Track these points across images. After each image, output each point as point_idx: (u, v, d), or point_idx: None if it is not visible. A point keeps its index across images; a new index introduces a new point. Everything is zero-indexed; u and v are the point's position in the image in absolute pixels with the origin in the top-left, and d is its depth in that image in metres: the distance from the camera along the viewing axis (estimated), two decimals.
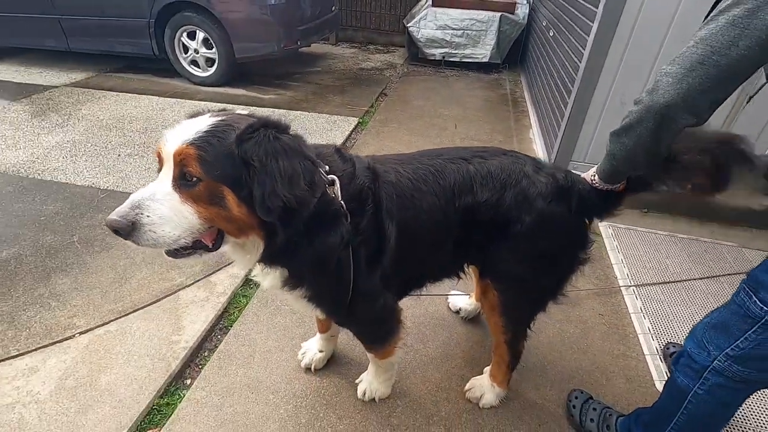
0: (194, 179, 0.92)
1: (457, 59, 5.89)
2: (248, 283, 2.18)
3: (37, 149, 3.35)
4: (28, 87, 4.60)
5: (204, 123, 0.96)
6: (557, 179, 1.30)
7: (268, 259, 1.11)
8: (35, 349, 1.78)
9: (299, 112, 4.33)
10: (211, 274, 2.21)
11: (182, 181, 0.93)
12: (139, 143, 3.52)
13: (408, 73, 5.83)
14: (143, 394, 1.62)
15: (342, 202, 1.11)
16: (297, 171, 0.95)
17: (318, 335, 1.76)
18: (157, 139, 3.48)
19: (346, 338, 1.78)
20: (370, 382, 1.64)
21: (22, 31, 4.97)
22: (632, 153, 1.13)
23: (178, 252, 1.01)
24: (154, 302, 2.03)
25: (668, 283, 2.31)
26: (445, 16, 5.70)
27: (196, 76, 4.83)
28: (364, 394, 1.65)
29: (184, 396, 1.65)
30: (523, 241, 1.28)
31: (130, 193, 0.93)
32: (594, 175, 1.31)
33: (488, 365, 1.70)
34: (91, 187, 2.88)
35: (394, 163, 1.27)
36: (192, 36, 4.62)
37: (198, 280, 2.16)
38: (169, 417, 1.57)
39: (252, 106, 4.37)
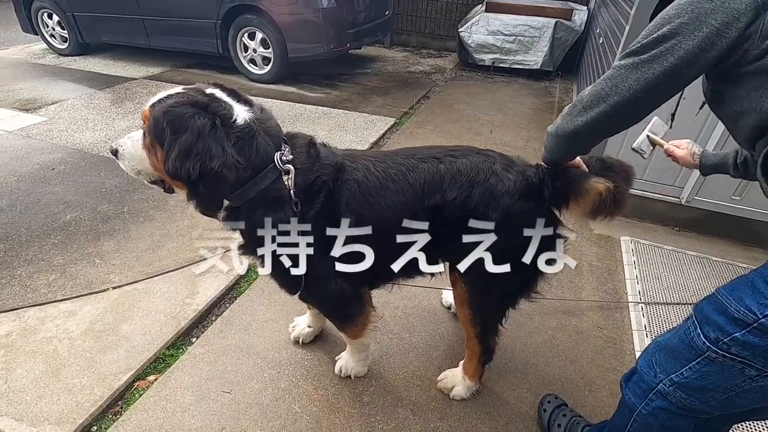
0: (147, 133, 1.19)
1: (507, 65, 5.81)
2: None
3: (110, 131, 3.84)
4: (113, 78, 5.24)
5: (165, 93, 1.20)
6: (526, 176, 1.33)
7: (203, 213, 1.30)
8: (76, 297, 2.09)
9: (341, 110, 4.54)
10: (230, 250, 2.43)
11: (144, 134, 1.21)
12: None
13: (455, 77, 5.85)
14: (153, 344, 1.86)
15: (293, 191, 1.24)
16: (194, 151, 1.12)
17: (308, 312, 1.90)
18: None
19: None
20: (346, 360, 1.75)
21: (112, 29, 5.66)
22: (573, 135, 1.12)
23: (150, 183, 1.33)
24: (178, 269, 2.29)
25: (682, 304, 2.18)
26: (497, 21, 5.66)
27: (253, 73, 5.22)
28: (341, 371, 1.76)
29: (187, 351, 1.86)
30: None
31: None
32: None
33: None
34: None
35: (367, 161, 1.37)
36: (252, 36, 5.01)
37: (218, 254, 2.40)
38: (171, 366, 1.79)
39: (299, 102, 4.66)
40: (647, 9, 2.36)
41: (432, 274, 1.55)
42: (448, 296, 2.11)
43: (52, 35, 6.02)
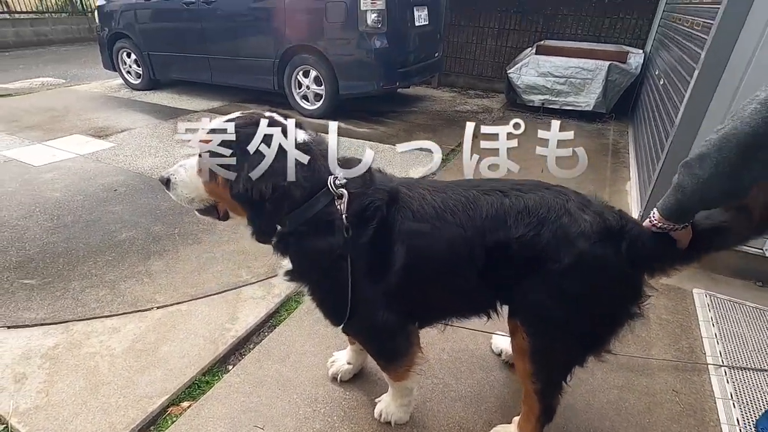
0: (204, 158, 1.18)
1: (557, 107, 5.71)
2: (301, 290, 2.32)
3: (170, 158, 4.06)
4: (177, 110, 5.63)
5: (222, 119, 1.21)
6: (605, 219, 1.21)
7: (259, 240, 1.27)
8: (122, 314, 2.11)
9: (387, 145, 4.58)
10: (272, 276, 2.41)
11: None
12: None
13: (503, 117, 5.80)
14: (190, 368, 1.81)
15: (345, 215, 1.18)
16: (272, 169, 1.13)
17: (349, 347, 1.80)
18: None
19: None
20: (387, 404, 1.62)
21: (181, 67, 6.14)
22: (705, 187, 1.00)
23: (201, 210, 1.32)
24: (220, 293, 2.27)
25: None
26: (548, 63, 5.62)
27: (305, 108, 5.43)
28: (380, 415, 1.62)
29: (222, 378, 1.80)
30: (559, 282, 1.19)
31: None
32: (654, 213, 1.18)
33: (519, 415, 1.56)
34: None
35: (424, 189, 1.30)
36: (306, 74, 5.25)
37: (260, 280, 2.37)
38: (205, 393, 1.72)
39: (346, 137, 4.75)
40: (720, 51, 2.23)
41: (488, 317, 1.43)
42: (498, 342, 1.94)
43: (128, 72, 6.61)
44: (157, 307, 2.16)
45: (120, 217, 2.99)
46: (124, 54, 6.51)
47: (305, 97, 5.41)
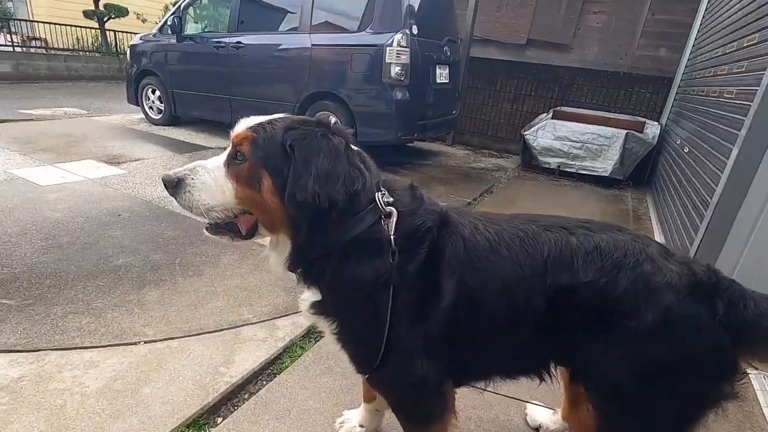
0: (242, 158, 1.00)
1: (573, 170, 5.69)
2: (309, 334, 2.07)
3: None
4: (193, 146, 5.63)
5: (268, 117, 1.04)
6: (695, 272, 1.01)
7: (295, 265, 1.06)
8: (104, 346, 1.85)
9: None
10: (277, 317, 2.16)
11: (233, 160, 1.02)
12: None
13: (519, 177, 5.77)
14: (172, 419, 1.53)
15: (392, 236, 1.00)
16: (336, 173, 0.96)
17: (362, 405, 1.52)
18: None
19: (393, 421, 1.51)
20: None
21: (203, 106, 6.25)
22: None
23: (214, 228, 1.08)
24: (217, 331, 2.02)
25: None
26: (564, 128, 5.68)
27: None
28: None
29: None
30: (638, 343, 0.98)
31: None
32: None
33: None
34: None
35: (476, 219, 1.13)
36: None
37: (263, 321, 2.13)
38: None
39: None
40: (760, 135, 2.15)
41: (541, 379, 1.19)
42: (536, 414, 1.66)
43: (150, 107, 6.74)
44: (145, 342, 1.90)
45: (119, 242, 2.80)
46: (149, 90, 6.67)
47: None
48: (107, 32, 12.66)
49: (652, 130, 5.52)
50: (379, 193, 1.04)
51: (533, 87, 6.82)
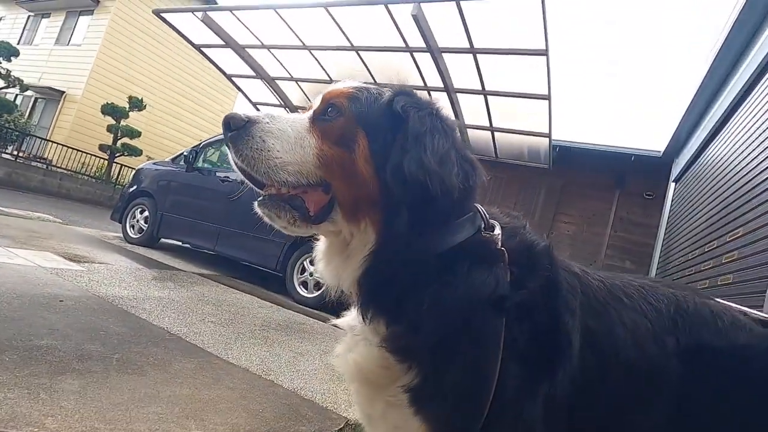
0: (334, 113, 0.84)
1: None
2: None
3: (140, 293, 3.46)
4: (164, 265, 5.25)
5: (359, 84, 0.93)
6: None
7: (376, 273, 0.78)
8: None
9: None
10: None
11: (321, 116, 0.86)
12: (226, 319, 3.44)
13: None
14: None
15: (503, 249, 0.80)
16: (452, 159, 0.80)
17: None
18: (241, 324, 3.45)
19: None
20: None
21: (189, 231, 6.13)
22: None
23: (272, 201, 0.83)
24: None
25: None
26: None
27: (301, 295, 5.10)
28: None
29: None
30: None
31: (196, 345, 0.86)
32: None
33: None
34: (163, 329, 2.69)
35: (581, 265, 0.94)
36: (313, 262, 5.16)
37: None
38: None
39: (338, 338, 4.24)
40: None
41: None
42: None
43: (132, 225, 6.56)
44: None
45: (50, 324, 2.24)
46: (138, 210, 6.61)
47: (304, 284, 5.17)
48: (114, 164, 13.37)
49: None
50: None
51: None
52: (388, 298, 0.78)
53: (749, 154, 3.61)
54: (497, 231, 0.81)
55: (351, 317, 0.94)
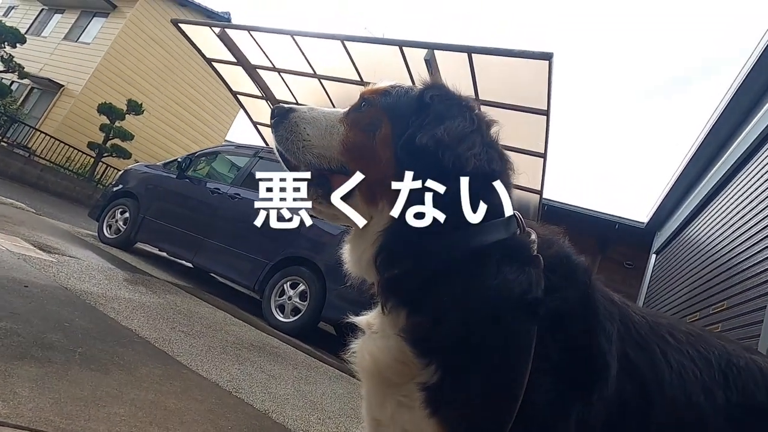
0: (366, 105, 0.89)
1: None
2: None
3: (110, 292, 3.26)
4: (135, 268, 5.00)
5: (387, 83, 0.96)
6: None
7: (391, 259, 0.76)
8: None
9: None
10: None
11: (355, 109, 0.91)
12: (198, 331, 3.24)
13: None
14: None
15: (540, 255, 0.76)
16: (473, 141, 0.78)
17: None
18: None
19: None
20: None
21: (169, 238, 5.90)
22: None
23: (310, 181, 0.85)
24: None
25: None
26: None
27: (277, 319, 4.87)
28: None
29: None
30: None
31: (165, 352, 0.87)
32: None
33: None
34: (131, 330, 2.51)
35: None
36: (294, 286, 5.00)
37: None
38: None
39: (316, 359, 4.06)
40: None
41: None
42: None
43: (109, 225, 6.30)
44: None
45: (11, 308, 2.06)
46: (119, 210, 6.38)
47: (281, 308, 4.96)
48: (101, 163, 13.06)
49: None
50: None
51: None
52: (410, 287, 0.74)
53: (734, 232, 3.74)
54: (533, 237, 0.79)
55: (370, 315, 0.88)
